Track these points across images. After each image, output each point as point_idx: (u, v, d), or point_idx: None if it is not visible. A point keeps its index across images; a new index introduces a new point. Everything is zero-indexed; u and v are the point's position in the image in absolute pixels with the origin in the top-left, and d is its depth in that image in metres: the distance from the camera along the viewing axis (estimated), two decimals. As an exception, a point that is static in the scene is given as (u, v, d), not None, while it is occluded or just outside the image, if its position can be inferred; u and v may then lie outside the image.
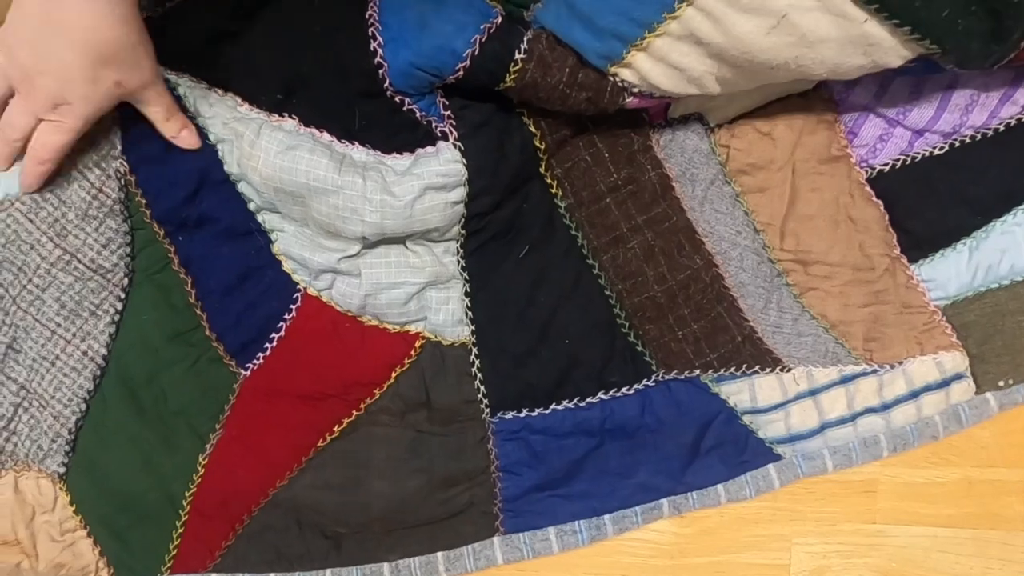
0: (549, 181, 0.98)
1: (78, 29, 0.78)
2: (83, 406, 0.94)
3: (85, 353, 0.94)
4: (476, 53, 0.86)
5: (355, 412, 0.99)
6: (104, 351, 0.94)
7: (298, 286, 0.98)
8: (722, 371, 0.98)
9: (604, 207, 0.99)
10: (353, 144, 0.93)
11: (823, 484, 0.99)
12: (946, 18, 0.78)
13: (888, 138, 1.02)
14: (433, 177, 0.92)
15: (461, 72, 0.88)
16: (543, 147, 0.96)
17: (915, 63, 0.84)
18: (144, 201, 0.94)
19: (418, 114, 0.93)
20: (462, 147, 0.92)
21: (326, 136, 0.93)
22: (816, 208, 1.02)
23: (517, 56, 0.87)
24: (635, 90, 0.90)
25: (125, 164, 0.92)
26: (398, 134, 0.94)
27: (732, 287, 1.00)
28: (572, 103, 0.90)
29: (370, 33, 0.89)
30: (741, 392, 0.99)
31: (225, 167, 0.94)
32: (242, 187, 0.95)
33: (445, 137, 0.93)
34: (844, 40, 0.80)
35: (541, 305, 0.99)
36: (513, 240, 0.99)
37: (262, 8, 0.91)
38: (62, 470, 0.94)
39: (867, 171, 1.03)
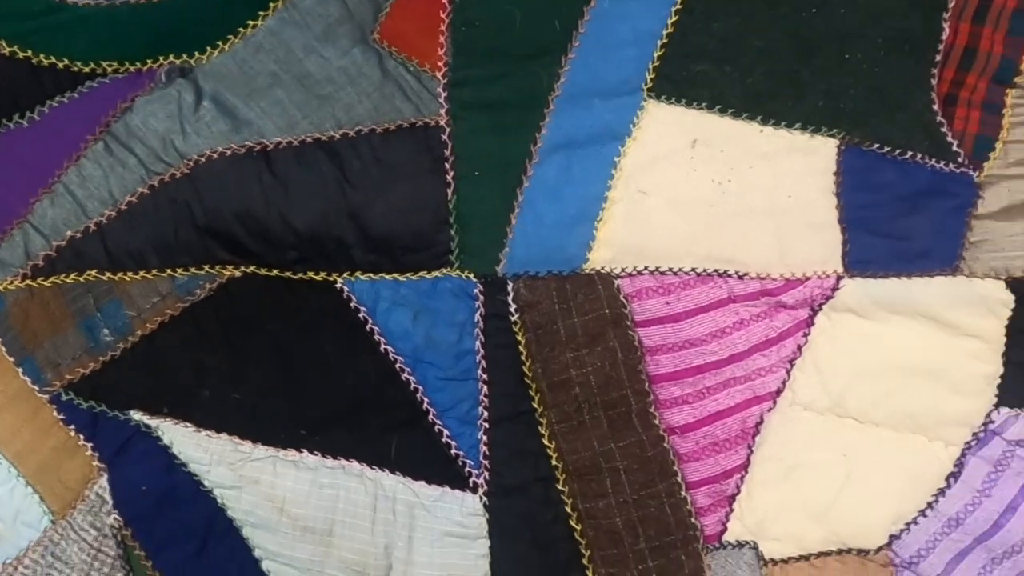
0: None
1: None
2: None
3: None
4: (485, 340, 0.87)
5: None
6: None
7: (305, 641, 0.91)
8: None
9: None
10: (384, 471, 0.89)
11: None
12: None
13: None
14: (452, 525, 0.88)
15: (483, 371, 0.88)
16: (585, 542, 0.88)
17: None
18: (143, 554, 0.88)
19: (454, 451, 0.89)
20: (486, 504, 0.88)
21: (356, 466, 0.89)
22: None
23: (512, 317, 0.87)
24: (620, 270, 0.87)
25: (119, 519, 0.87)
26: (432, 465, 0.89)
27: None
28: (581, 329, 0.87)
29: (391, 358, 0.88)
30: None
31: (229, 513, 0.88)
32: (248, 532, 0.88)
33: (475, 489, 0.89)
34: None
35: None
36: None
37: (246, 335, 0.88)
38: None
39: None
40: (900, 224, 0.85)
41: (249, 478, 0.87)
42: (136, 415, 0.87)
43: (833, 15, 0.83)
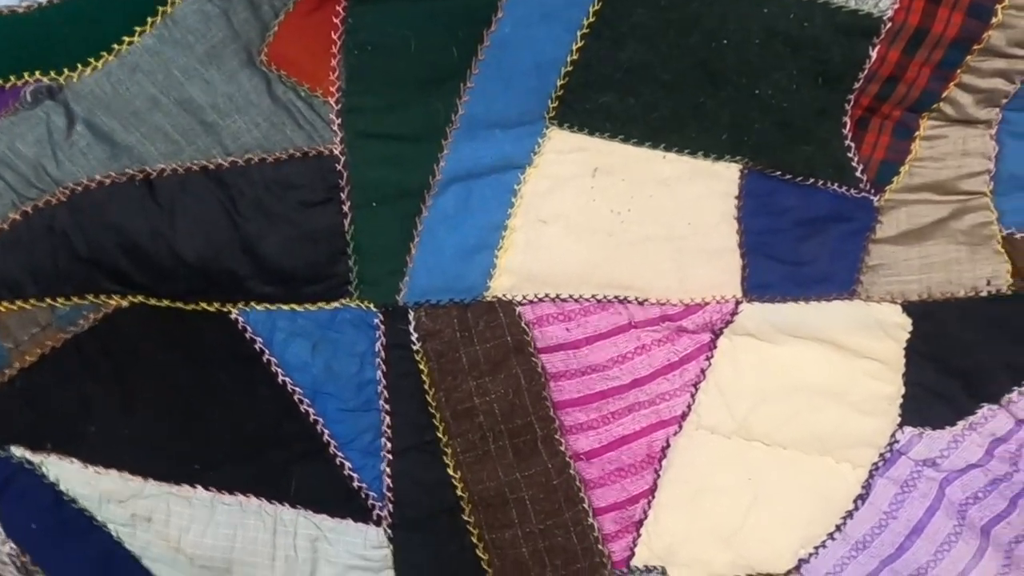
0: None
1: None
2: None
3: None
4: (387, 370, 0.86)
5: None
6: None
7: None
8: None
9: None
10: (284, 505, 0.87)
11: None
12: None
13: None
14: (355, 559, 0.87)
15: (385, 402, 0.86)
16: (491, 571, 0.88)
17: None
18: None
19: (356, 483, 0.87)
20: (391, 536, 0.87)
21: (254, 501, 0.86)
22: None
23: (414, 347, 0.85)
24: (521, 297, 0.85)
25: (15, 547, 0.85)
26: (334, 498, 0.88)
27: None
28: (483, 357, 0.86)
29: (289, 389, 0.85)
30: None
31: (127, 546, 0.86)
32: (148, 563, 0.86)
33: (378, 521, 0.87)
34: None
35: None
36: None
37: (134, 367, 0.85)
38: None
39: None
40: (799, 249, 0.84)
41: (141, 516, 0.85)
42: (17, 451, 0.83)
43: (747, 46, 0.80)
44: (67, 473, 0.84)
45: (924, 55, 0.82)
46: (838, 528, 0.87)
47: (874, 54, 0.81)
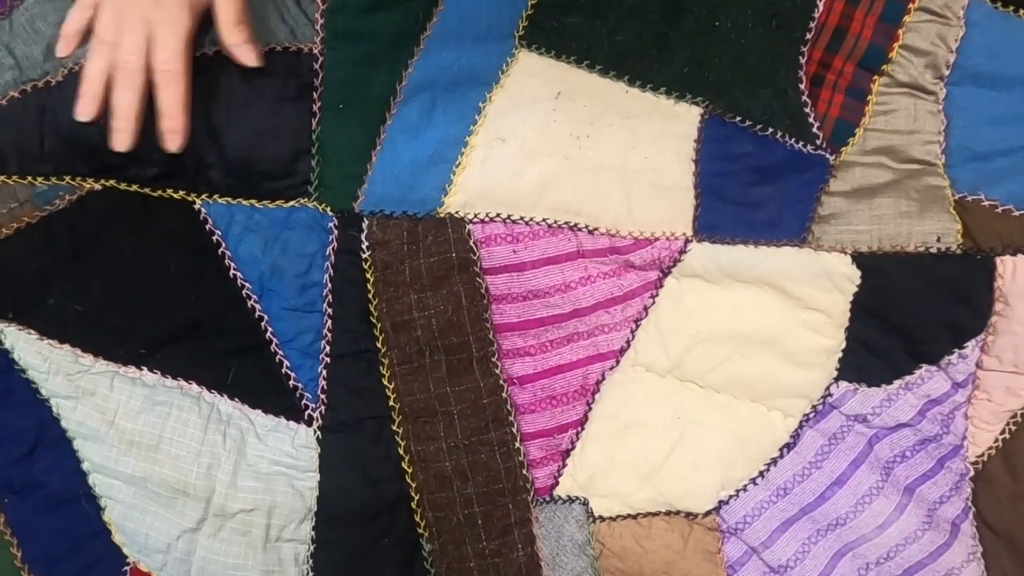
0: (418, 520, 0.90)
1: None
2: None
3: None
4: (333, 274, 0.87)
5: None
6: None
7: (127, 559, 0.89)
8: None
9: (467, 569, 0.90)
10: (223, 396, 0.88)
11: None
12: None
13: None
14: (282, 456, 0.88)
15: (328, 305, 0.87)
16: (415, 484, 0.89)
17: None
18: None
19: (292, 382, 0.88)
20: (320, 438, 0.88)
21: (195, 388, 0.88)
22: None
23: (363, 254, 0.87)
24: (472, 216, 0.86)
25: None
26: (269, 395, 0.89)
27: None
28: (426, 271, 0.86)
29: (239, 284, 0.87)
30: None
31: (63, 423, 0.87)
32: (79, 444, 0.88)
33: (309, 422, 0.88)
34: None
35: None
36: (367, 573, 0.90)
37: (96, 249, 0.87)
38: None
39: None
40: (752, 193, 0.85)
41: (85, 389, 0.86)
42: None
43: (708, -23, 0.83)
44: (23, 343, 0.86)
45: (867, 5, 0.85)
46: (761, 474, 0.86)
47: (821, 4, 0.84)
